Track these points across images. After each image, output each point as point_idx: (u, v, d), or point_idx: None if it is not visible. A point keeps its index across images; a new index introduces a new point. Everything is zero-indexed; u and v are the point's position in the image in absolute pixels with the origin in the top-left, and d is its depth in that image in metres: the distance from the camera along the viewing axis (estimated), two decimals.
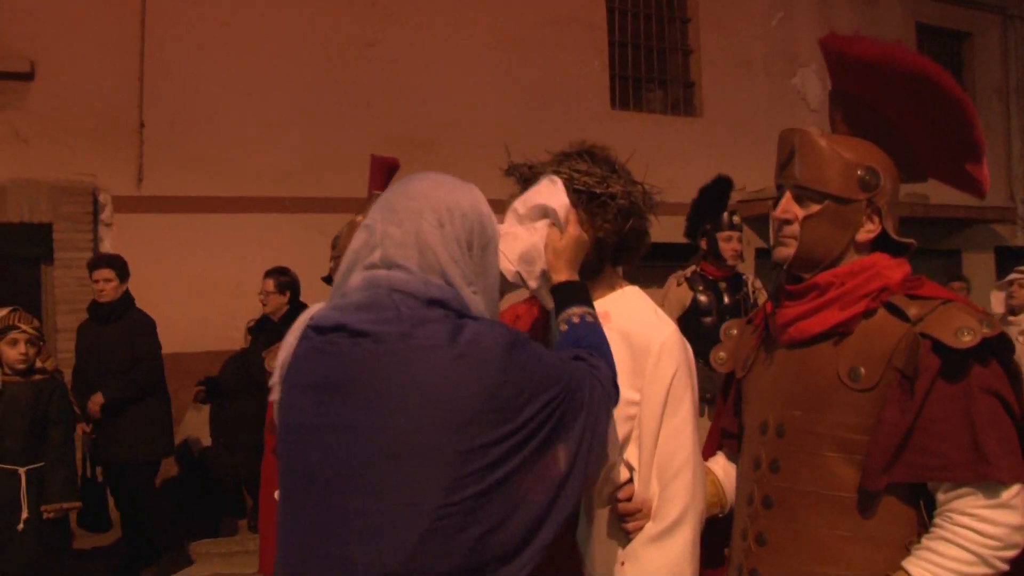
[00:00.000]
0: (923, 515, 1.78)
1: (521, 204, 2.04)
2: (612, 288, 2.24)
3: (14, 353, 4.16)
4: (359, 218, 2.76)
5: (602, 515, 2.17)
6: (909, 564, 1.73)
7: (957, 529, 1.71)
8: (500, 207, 1.94)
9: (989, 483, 1.69)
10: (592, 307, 1.90)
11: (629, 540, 2.11)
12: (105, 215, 6.78)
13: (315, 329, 1.53)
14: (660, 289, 5.48)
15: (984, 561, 1.69)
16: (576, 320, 1.85)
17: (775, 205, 2.02)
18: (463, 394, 1.41)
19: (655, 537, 2.07)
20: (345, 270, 1.58)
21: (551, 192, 2.02)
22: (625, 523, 2.11)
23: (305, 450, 1.47)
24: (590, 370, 1.68)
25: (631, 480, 2.13)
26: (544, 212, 2.02)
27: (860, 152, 1.91)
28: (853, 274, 1.89)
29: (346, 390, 1.44)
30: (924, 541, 1.74)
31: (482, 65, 8.39)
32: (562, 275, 1.92)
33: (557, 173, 2.09)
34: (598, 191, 2.09)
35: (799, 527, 1.86)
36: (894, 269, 1.89)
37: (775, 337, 2.02)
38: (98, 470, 5.43)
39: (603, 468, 2.08)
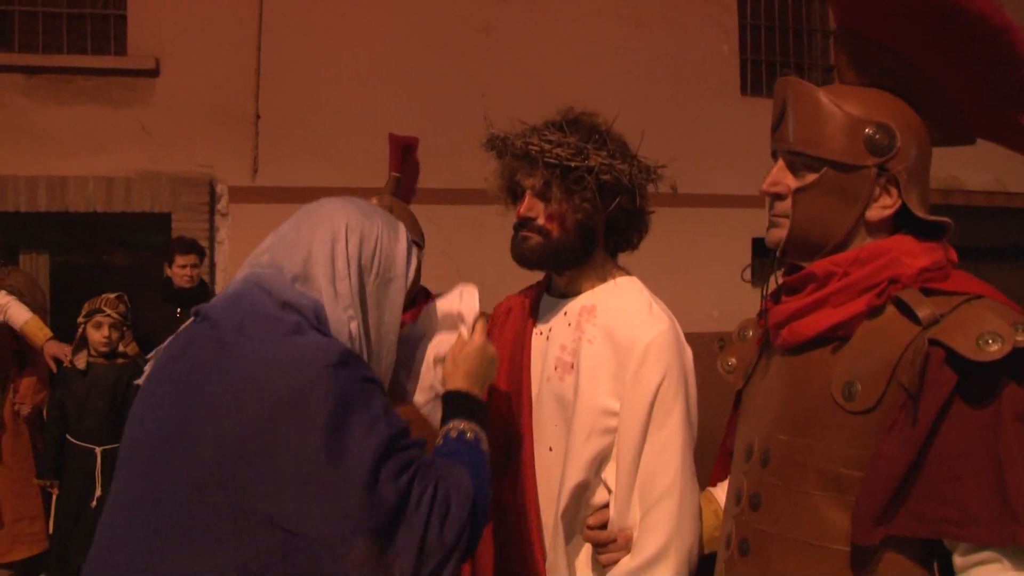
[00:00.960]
0: None
1: (437, 311, 1.89)
2: (603, 279, 2.00)
3: (98, 336, 4.32)
4: (373, 200, 2.69)
5: (576, 543, 1.95)
6: None
7: None
8: None
9: (1020, 550, 1.27)
10: (481, 424, 1.67)
11: (604, 575, 1.87)
12: (221, 205, 6.99)
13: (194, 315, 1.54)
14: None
15: None
16: (454, 435, 1.63)
17: None
18: (260, 396, 1.30)
19: (632, 572, 1.81)
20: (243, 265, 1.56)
21: (464, 298, 1.87)
22: (599, 554, 1.88)
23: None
24: (440, 473, 1.47)
25: (608, 505, 1.90)
26: (455, 321, 1.87)
27: (869, 105, 1.49)
28: (861, 262, 1.48)
29: (185, 378, 1.41)
30: None
31: (603, 49, 8.13)
32: (456, 383, 1.73)
33: (527, 144, 1.87)
34: (572, 164, 1.84)
35: None
36: (917, 256, 1.47)
37: (772, 341, 1.66)
38: None
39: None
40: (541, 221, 1.94)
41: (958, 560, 1.33)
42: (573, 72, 7.93)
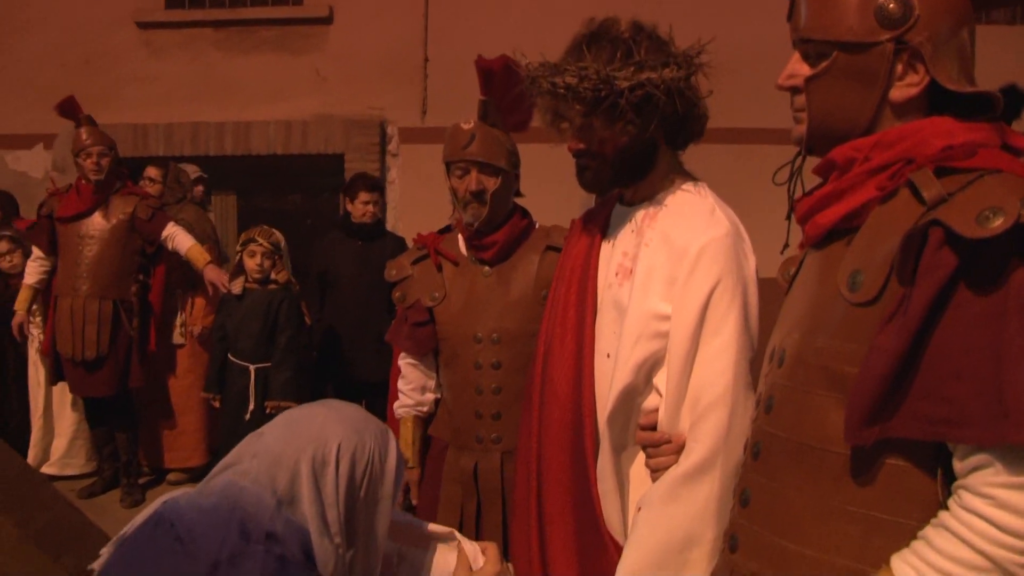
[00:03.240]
0: (944, 491, 1.24)
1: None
2: (668, 184, 1.94)
3: (252, 263, 4.62)
4: (464, 124, 2.71)
5: (630, 453, 1.93)
6: (896, 559, 1.22)
7: (964, 515, 1.17)
8: None
9: (1014, 450, 1.13)
10: None
11: (652, 481, 1.84)
12: (392, 146, 7.25)
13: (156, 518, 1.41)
14: None
15: (997, 566, 1.14)
16: None
17: None
18: None
19: (674, 482, 1.76)
20: (221, 466, 1.47)
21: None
22: (648, 458, 1.84)
23: None
24: None
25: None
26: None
27: None
28: (884, 145, 1.34)
29: None
30: (926, 529, 1.22)
31: None
32: None
33: (552, 85, 1.82)
34: (602, 94, 1.78)
35: (779, 487, 1.39)
36: (949, 135, 1.30)
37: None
38: None
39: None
40: (594, 149, 1.92)
41: (956, 465, 1.20)
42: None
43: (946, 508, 1.20)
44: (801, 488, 1.34)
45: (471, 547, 1.69)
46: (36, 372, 5.48)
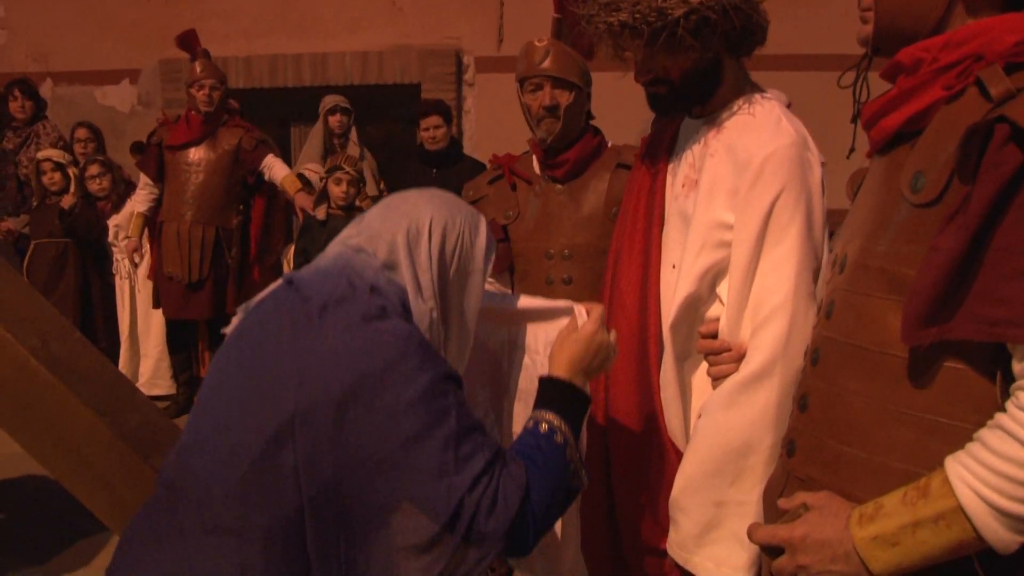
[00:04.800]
0: (1003, 394, 1.21)
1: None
2: (736, 95, 1.94)
3: (338, 191, 4.73)
4: (537, 42, 2.72)
5: (693, 361, 1.95)
6: (951, 460, 1.19)
7: (1021, 415, 1.13)
8: None
9: None
10: (568, 418, 1.56)
11: (712, 389, 1.87)
12: (468, 75, 7.26)
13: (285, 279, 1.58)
14: None
15: None
16: (530, 426, 1.55)
17: None
18: (340, 376, 1.37)
19: (732, 389, 1.78)
20: (332, 244, 1.63)
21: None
22: (710, 366, 1.87)
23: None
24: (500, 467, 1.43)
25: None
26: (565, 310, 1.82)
27: None
28: (954, 44, 1.28)
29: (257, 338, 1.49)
30: (981, 431, 1.19)
31: None
32: (556, 368, 1.63)
33: (609, 26, 1.83)
34: (656, 27, 1.78)
35: (837, 391, 1.37)
36: (1022, 31, 1.23)
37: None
38: None
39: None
40: (660, 76, 1.93)
41: (1016, 367, 1.17)
42: None
43: (1004, 410, 1.18)
44: (859, 392, 1.33)
45: (581, 311, 1.75)
46: (122, 297, 5.77)
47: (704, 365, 1.92)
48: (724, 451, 1.79)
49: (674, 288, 1.94)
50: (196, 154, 5.23)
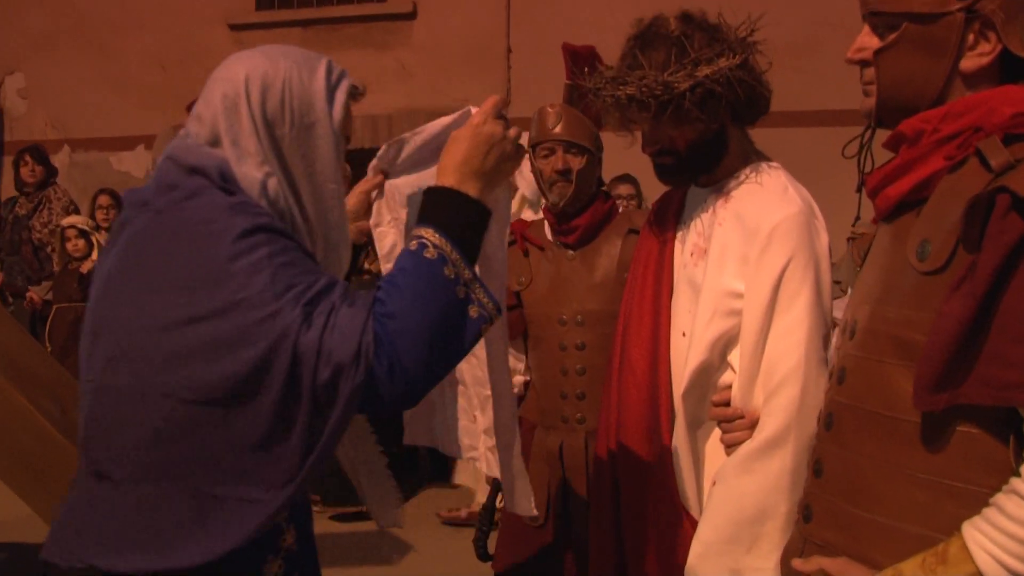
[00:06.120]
0: (1016, 457, 1.23)
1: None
2: (741, 164, 1.99)
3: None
4: (549, 107, 2.78)
5: (706, 429, 1.97)
6: (968, 525, 1.21)
7: None
8: None
9: None
10: (449, 232, 1.36)
11: (726, 456, 1.88)
12: None
13: None
14: None
15: None
16: (409, 245, 1.36)
17: None
18: (158, 269, 1.32)
19: (747, 456, 1.80)
20: None
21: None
22: (723, 433, 1.89)
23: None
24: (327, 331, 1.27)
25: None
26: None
27: None
28: (953, 115, 1.33)
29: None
30: (997, 495, 1.20)
31: None
32: (444, 178, 1.43)
33: (616, 99, 1.89)
34: (663, 100, 1.84)
35: (852, 456, 1.39)
36: (1019, 103, 1.29)
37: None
38: None
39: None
40: (666, 147, 1.98)
41: None
42: None
43: (1018, 474, 1.19)
44: (873, 456, 1.35)
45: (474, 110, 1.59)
46: None
47: (717, 432, 1.93)
48: (740, 518, 1.79)
49: (685, 356, 1.96)
50: None
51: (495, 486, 2.90)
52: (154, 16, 7.60)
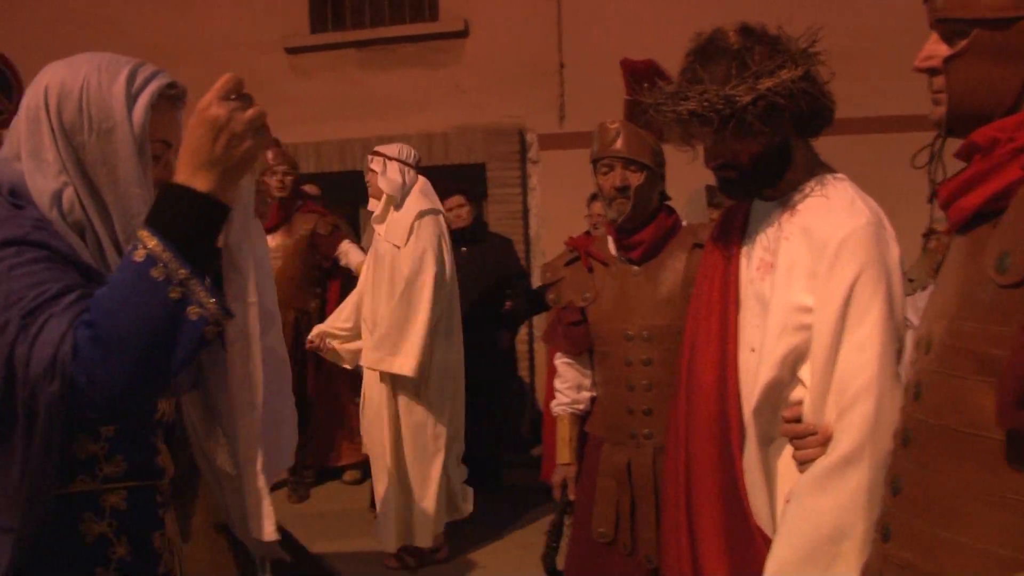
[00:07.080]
0: None
1: None
2: (806, 177, 1.98)
3: None
4: (610, 123, 2.79)
5: (778, 445, 1.95)
6: None
7: None
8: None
9: None
10: (169, 235, 1.24)
11: (799, 473, 1.86)
12: (532, 153, 7.39)
13: None
14: None
15: None
16: (128, 250, 1.27)
17: None
18: None
19: (822, 474, 1.77)
20: None
21: None
22: (795, 449, 1.87)
23: None
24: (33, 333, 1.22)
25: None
26: None
27: None
28: None
29: None
30: None
31: None
32: (179, 174, 1.30)
33: (677, 115, 1.89)
34: (725, 114, 1.83)
35: (930, 475, 1.36)
36: None
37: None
38: None
39: None
40: (730, 161, 1.98)
41: None
42: None
43: None
44: (954, 475, 1.32)
45: None
46: None
47: (789, 449, 1.91)
48: (816, 537, 1.77)
49: (754, 372, 1.95)
50: (273, 240, 5.36)
51: (563, 502, 2.91)
52: (213, 42, 7.74)
